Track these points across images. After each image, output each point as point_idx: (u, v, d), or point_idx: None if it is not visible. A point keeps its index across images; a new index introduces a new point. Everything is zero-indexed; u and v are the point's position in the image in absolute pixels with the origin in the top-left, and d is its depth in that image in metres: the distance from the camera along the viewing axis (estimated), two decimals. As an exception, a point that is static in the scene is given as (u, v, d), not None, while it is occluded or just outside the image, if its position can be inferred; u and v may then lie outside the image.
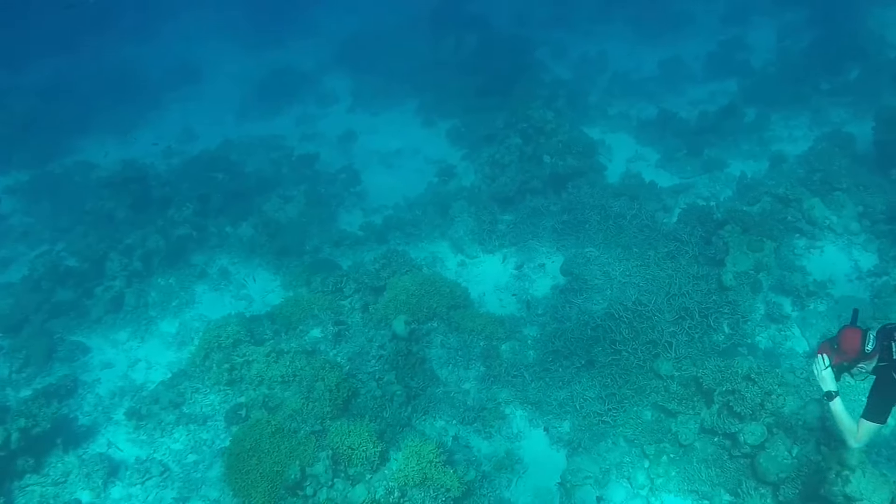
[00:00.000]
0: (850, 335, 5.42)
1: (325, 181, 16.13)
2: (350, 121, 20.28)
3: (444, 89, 19.97)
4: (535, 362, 9.95)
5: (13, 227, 15.95)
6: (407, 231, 13.55)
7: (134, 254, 12.95)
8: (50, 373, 11.48)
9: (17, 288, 13.14)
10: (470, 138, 17.08)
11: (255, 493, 8.28)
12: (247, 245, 13.70)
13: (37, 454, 9.56)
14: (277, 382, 9.76)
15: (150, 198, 14.17)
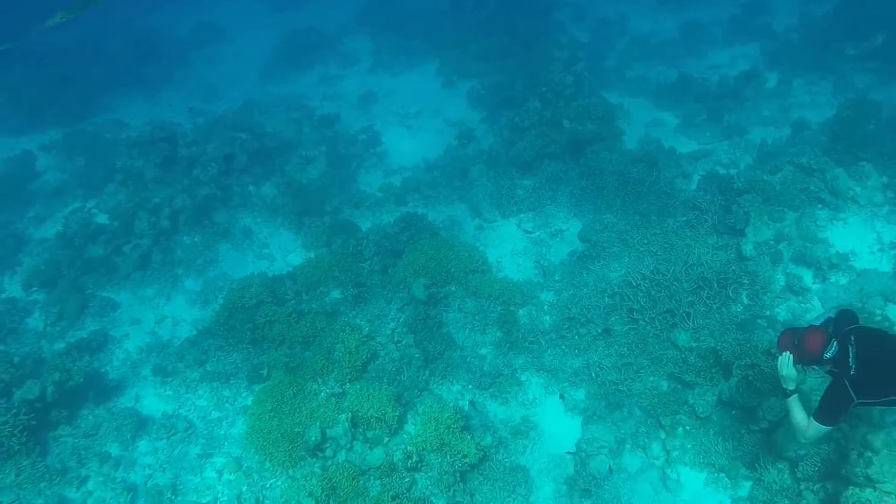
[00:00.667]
0: (816, 337, 5.35)
1: (346, 142, 15.77)
2: (370, 81, 19.79)
3: (463, 50, 19.40)
4: (551, 328, 9.71)
5: (48, 183, 15.79)
6: (425, 194, 13.25)
7: (161, 212, 12.78)
8: (82, 327, 11.43)
9: (51, 244, 13.08)
10: (489, 101, 16.61)
11: (277, 453, 8.23)
12: (269, 205, 13.47)
13: (70, 407, 9.56)
14: (298, 343, 9.63)
15: (177, 157, 13.94)
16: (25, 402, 9.06)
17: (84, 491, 8.71)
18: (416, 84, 19.11)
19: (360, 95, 18.71)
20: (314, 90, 19.74)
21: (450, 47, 19.85)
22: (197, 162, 13.92)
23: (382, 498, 7.38)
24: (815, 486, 6.81)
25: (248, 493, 8.22)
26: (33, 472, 8.81)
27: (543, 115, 13.97)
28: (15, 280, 12.67)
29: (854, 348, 5.19)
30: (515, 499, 7.82)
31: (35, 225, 14.38)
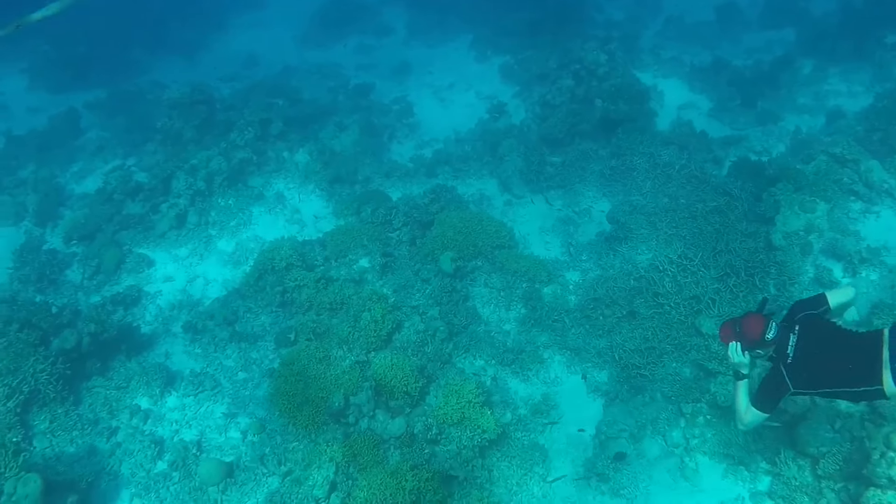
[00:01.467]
0: (754, 322, 5.23)
1: (379, 112, 15.42)
2: (405, 53, 19.37)
3: (498, 25, 18.83)
4: (575, 308, 9.39)
5: (90, 140, 15.65)
6: (456, 166, 12.87)
7: (198, 174, 12.55)
8: (118, 282, 11.31)
9: (91, 199, 12.97)
10: (522, 76, 16.14)
11: (300, 416, 8.04)
12: (302, 171, 13.19)
13: (103, 358, 9.47)
14: (326, 309, 9.41)
15: (215, 120, 13.70)
16: (62, 351, 9.01)
17: (113, 442, 8.62)
18: (450, 57, 18.68)
19: (394, 66, 18.31)
20: (350, 59, 19.36)
21: (484, 21, 19.32)
22: (234, 126, 13.66)
23: (401, 468, 7.16)
24: (837, 485, 6.46)
25: (270, 453, 8.05)
26: (66, 421, 8.76)
27: (576, 92, 13.54)
28: (56, 233, 12.59)
29: (795, 337, 5.06)
30: (532, 477, 7.58)
31: (77, 180, 14.29)
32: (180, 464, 8.19)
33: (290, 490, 7.48)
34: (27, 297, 10.95)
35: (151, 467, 8.26)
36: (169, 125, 13.61)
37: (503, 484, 7.50)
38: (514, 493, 7.44)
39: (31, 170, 14.33)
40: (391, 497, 6.94)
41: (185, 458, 8.25)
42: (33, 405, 8.76)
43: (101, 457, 8.40)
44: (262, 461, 8.01)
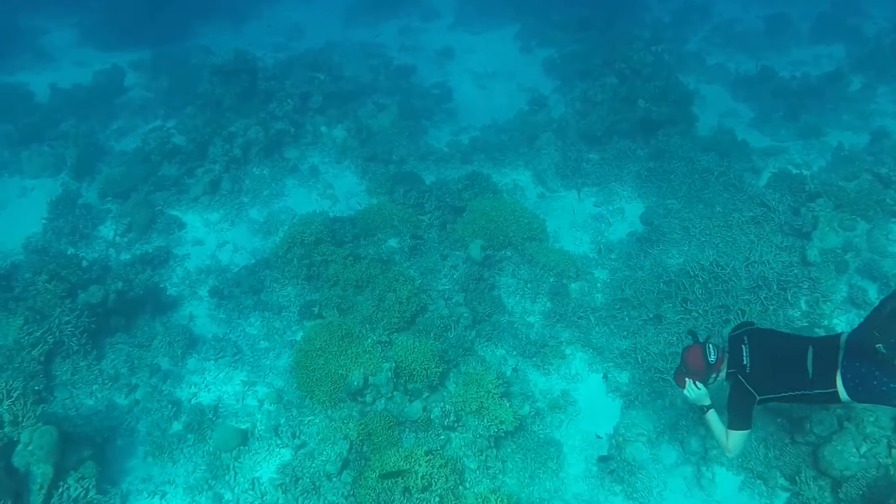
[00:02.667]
0: (692, 354, 5.32)
1: (419, 94, 15.25)
2: (450, 38, 19.14)
3: (544, 17, 18.65)
4: (602, 307, 9.19)
5: (133, 99, 15.66)
6: (492, 155, 12.67)
7: (235, 141, 12.48)
8: (148, 241, 11.28)
9: (129, 157, 12.98)
10: (565, 70, 15.89)
11: (318, 391, 7.95)
12: (339, 147, 13.07)
13: (128, 316, 9.42)
14: (352, 286, 9.28)
15: (255, 90, 13.57)
16: (88, 305, 8.96)
17: (132, 399, 8.57)
18: (494, 45, 18.43)
19: (438, 50, 18.13)
20: (394, 40, 19.18)
21: (531, 13, 19.12)
22: (274, 96, 13.56)
23: (416, 451, 7.04)
24: (859, 510, 6.26)
25: (285, 425, 7.96)
26: (88, 374, 8.75)
27: (619, 91, 13.25)
28: (92, 188, 12.58)
29: (747, 347, 5.08)
30: (545, 472, 7.42)
31: (116, 137, 14.29)
32: (196, 427, 8.11)
33: (302, 463, 7.40)
34: (59, 248, 11.01)
35: (167, 427, 8.19)
36: (210, 91, 13.52)
37: (516, 476, 7.35)
38: (526, 485, 7.29)
39: (72, 123, 14.31)
40: (403, 480, 6.82)
41: (200, 421, 8.17)
42: (56, 356, 8.76)
43: (119, 413, 8.36)
44: (277, 432, 7.92)
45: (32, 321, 8.77)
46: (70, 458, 7.32)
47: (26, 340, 8.59)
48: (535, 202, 11.46)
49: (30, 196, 12.83)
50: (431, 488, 6.85)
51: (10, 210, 12.47)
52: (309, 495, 7.16)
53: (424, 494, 6.79)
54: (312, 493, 7.17)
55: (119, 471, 7.76)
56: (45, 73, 16.81)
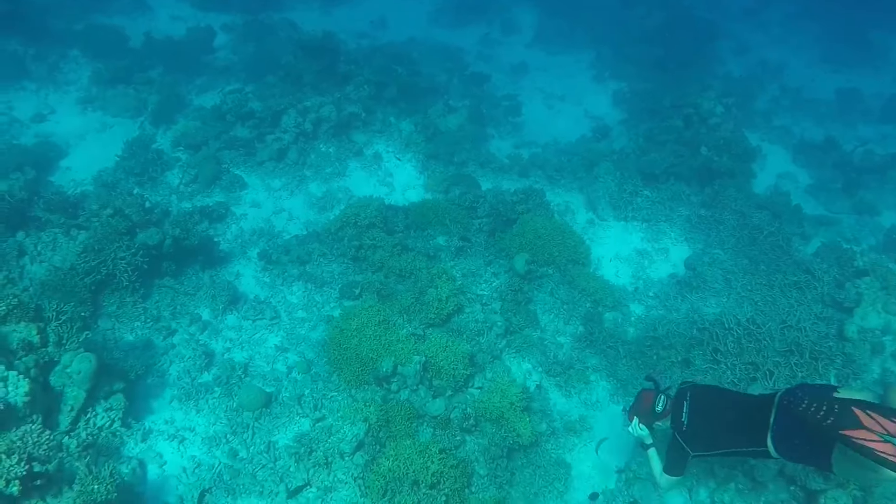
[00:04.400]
0: (645, 398, 5.58)
1: (489, 103, 15.04)
2: (526, 54, 18.83)
3: (621, 51, 18.31)
4: (632, 340, 8.91)
5: (218, 59, 15.70)
6: (549, 174, 12.42)
7: (308, 116, 12.41)
8: (210, 195, 11.28)
9: (206, 113, 12.98)
10: (633, 105, 15.57)
11: (347, 370, 7.84)
12: (404, 139, 12.94)
13: (179, 263, 9.42)
14: (395, 274, 9.16)
15: (335, 71, 13.50)
16: (145, 245, 8.98)
17: (168, 342, 8.56)
18: (568, 69, 18.13)
19: (513, 64, 17.89)
20: (473, 47, 18.96)
21: (608, 44, 18.81)
22: (352, 80, 13.47)
23: (430, 447, 6.87)
24: None
25: (309, 396, 7.85)
26: (132, 311, 8.77)
27: (683, 135, 12.96)
28: (167, 135, 12.63)
29: (688, 403, 5.13)
30: (551, 491, 7.21)
31: (197, 93, 14.34)
32: (224, 381, 8.08)
33: (319, 437, 7.27)
34: (126, 186, 11.04)
35: (197, 376, 8.17)
36: (293, 64, 13.48)
37: (522, 490, 7.15)
38: (529, 501, 7.09)
39: (159, 72, 14.44)
40: (414, 473, 6.68)
41: (229, 376, 8.12)
42: (106, 288, 8.78)
43: (155, 353, 8.35)
44: (300, 401, 7.82)
45: (90, 251, 8.81)
46: (102, 388, 7.36)
47: (81, 267, 8.63)
48: (584, 227, 11.21)
49: (108, 132, 12.95)
50: (439, 486, 6.69)
51: (88, 142, 12.60)
52: (320, 469, 7.05)
53: (432, 491, 6.63)
54: (323, 468, 7.05)
55: (145, 408, 7.75)
56: (141, 21, 16.93)
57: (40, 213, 9.66)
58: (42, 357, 7.10)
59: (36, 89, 14.06)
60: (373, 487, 6.73)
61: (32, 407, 6.59)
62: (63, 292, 8.37)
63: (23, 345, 7.02)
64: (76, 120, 13.27)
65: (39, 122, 13.08)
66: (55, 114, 13.39)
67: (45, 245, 9.41)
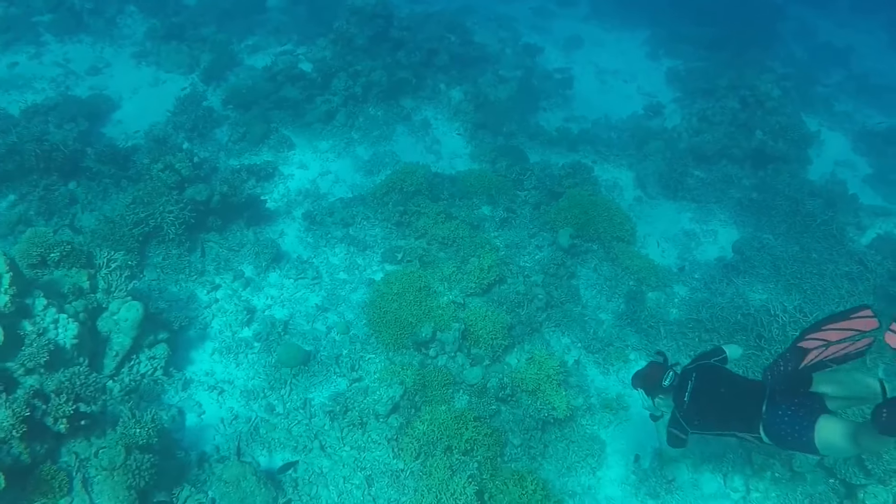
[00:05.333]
0: (653, 371, 5.54)
1: (540, 76, 14.82)
2: (581, 28, 18.47)
3: (677, 29, 17.84)
4: (674, 322, 8.76)
5: (271, 20, 15.76)
6: (598, 149, 12.24)
7: (358, 80, 12.40)
8: (258, 154, 11.39)
9: (256, 73, 13.11)
10: (687, 84, 15.20)
11: (386, 333, 7.88)
12: (453, 108, 12.86)
13: (225, 219, 9.56)
14: (438, 242, 9.15)
15: (387, 36, 13.42)
16: (192, 200, 9.13)
17: (212, 297, 8.70)
18: (623, 45, 17.75)
19: (567, 37, 17.56)
20: (527, 17, 18.67)
21: (665, 22, 18.35)
22: (403, 46, 13.40)
23: (466, 414, 6.89)
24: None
25: (346, 356, 7.92)
26: (177, 263, 8.92)
27: (738, 117, 12.67)
28: (217, 93, 12.78)
29: (693, 383, 5.17)
30: (584, 467, 7.16)
31: (249, 52, 14.44)
32: (264, 337, 8.18)
33: (355, 397, 7.35)
34: (176, 141, 11.18)
35: (238, 331, 8.29)
36: (345, 28, 13.43)
37: (554, 463, 7.13)
38: (562, 475, 7.06)
39: (212, 30, 14.55)
40: (448, 439, 6.70)
41: (269, 333, 8.23)
42: (153, 239, 8.96)
43: (198, 306, 8.50)
44: (338, 361, 7.89)
45: (139, 202, 8.99)
46: (147, 336, 7.52)
47: (130, 218, 8.81)
48: (631, 204, 11.03)
49: (160, 87, 13.15)
50: (472, 453, 6.71)
51: (141, 96, 12.81)
52: (354, 429, 7.13)
53: (465, 457, 6.66)
54: (358, 428, 7.13)
55: (186, 359, 7.92)
56: (196, -22, 17.01)
57: (92, 163, 9.86)
58: (91, 303, 7.29)
59: (92, 42, 14.30)
60: (406, 450, 6.78)
61: (80, 350, 6.79)
62: (112, 242, 8.57)
63: (73, 290, 7.22)
64: (130, 74, 13.51)
65: (94, 74, 13.36)
66: (110, 67, 13.65)
67: (95, 195, 9.65)
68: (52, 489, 5.89)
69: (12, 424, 5.65)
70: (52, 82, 12.91)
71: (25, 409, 5.73)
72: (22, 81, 12.75)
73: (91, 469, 6.07)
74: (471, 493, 6.25)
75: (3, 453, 5.68)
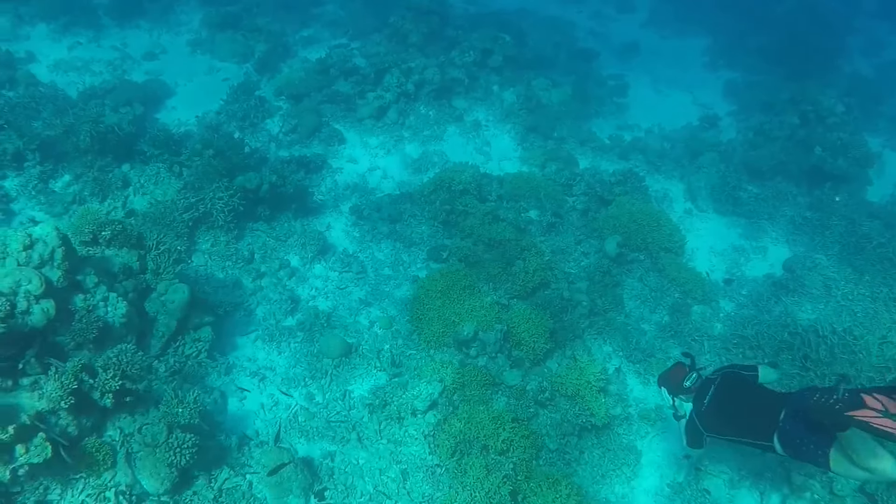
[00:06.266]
0: (677, 371, 5.85)
1: (594, 81, 14.94)
2: (638, 34, 18.53)
3: (739, 41, 17.78)
4: (718, 337, 8.86)
5: (326, 13, 16.16)
6: (650, 159, 12.32)
7: (411, 77, 12.67)
8: (308, 146, 11.71)
9: (310, 66, 13.44)
10: (745, 97, 15.14)
11: (427, 329, 8.10)
12: (505, 109, 13.06)
13: (273, 209, 9.88)
14: (484, 242, 9.35)
15: (442, 34, 13.72)
16: (242, 188, 9.41)
17: (257, 284, 8.99)
18: (681, 54, 17.76)
19: (624, 43, 17.65)
20: (584, 22, 18.82)
21: (726, 32, 18.32)
22: (458, 45, 13.66)
23: (504, 415, 7.08)
24: None
25: (387, 350, 8.16)
26: (225, 250, 9.25)
27: (797, 132, 12.62)
28: (270, 84, 13.15)
29: (714, 388, 5.42)
30: (618, 475, 7.31)
31: (303, 44, 14.81)
32: (307, 327, 8.46)
33: (394, 392, 7.56)
34: (228, 130, 11.56)
35: (281, 320, 8.59)
36: (400, 24, 13.74)
37: (589, 470, 7.29)
38: (596, 482, 7.21)
39: (267, 21, 14.91)
40: (484, 438, 6.90)
41: (313, 323, 8.50)
42: (202, 225, 9.33)
43: (243, 293, 8.82)
44: (379, 355, 8.13)
45: (190, 188, 9.39)
46: (192, 320, 7.84)
47: (180, 203, 9.19)
48: (681, 216, 11.11)
49: (214, 76, 13.57)
50: (508, 454, 6.90)
51: (195, 83, 13.25)
52: (392, 422, 7.37)
53: (500, 457, 6.84)
54: (395, 422, 7.36)
55: (229, 344, 8.24)
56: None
57: (146, 147, 10.20)
58: (140, 283, 7.62)
59: (149, 28, 14.84)
60: (443, 446, 6.99)
61: (128, 328, 7.11)
62: (161, 225, 8.94)
63: (123, 269, 7.54)
64: (185, 61, 13.99)
65: (150, 60, 13.86)
66: (166, 53, 14.14)
67: (148, 178, 9.99)
68: (97, 462, 6.13)
69: (61, 396, 5.86)
70: (110, 66, 13.39)
71: (74, 381, 5.92)
72: (80, 63, 13.25)
73: (134, 444, 6.31)
74: (505, 492, 6.45)
75: (51, 424, 5.91)
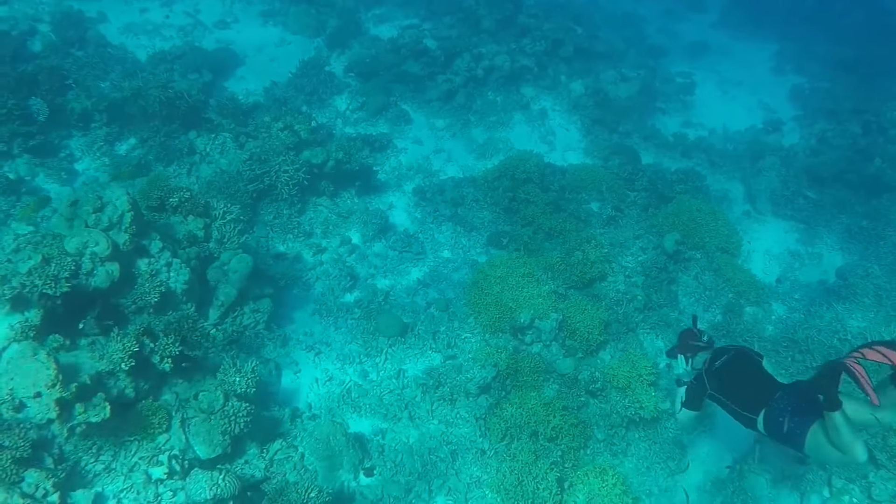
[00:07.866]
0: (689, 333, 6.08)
1: (662, 78, 14.86)
2: (708, 34, 18.34)
3: (808, 47, 17.53)
4: (769, 339, 8.88)
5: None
6: (711, 159, 12.31)
7: (481, 62, 12.75)
8: (374, 125, 11.86)
9: (381, 44, 13.49)
10: (810, 103, 15.00)
11: (484, 314, 8.23)
12: (573, 100, 13.09)
13: (337, 185, 10.03)
14: (544, 231, 9.47)
15: (514, 21, 13.74)
16: (308, 163, 9.54)
17: (317, 259, 9.14)
18: (749, 56, 17.55)
19: (693, 42, 17.51)
20: (655, 18, 18.68)
21: (795, 38, 18.08)
22: (529, 33, 13.68)
23: (555, 403, 7.24)
24: None
25: (444, 333, 8.29)
26: (287, 223, 9.40)
27: (858, 142, 12.61)
28: (340, 60, 13.26)
29: (728, 357, 5.64)
30: (664, 469, 7.42)
31: (374, 22, 14.88)
32: (365, 304, 8.59)
33: (448, 373, 7.68)
34: (296, 104, 11.73)
35: (340, 296, 8.72)
36: (474, 8, 13.80)
37: (635, 461, 7.41)
38: (641, 473, 7.34)
39: (341, -4, 15.02)
40: (535, 424, 7.07)
41: (370, 301, 8.64)
42: (266, 197, 9.44)
43: (303, 267, 9.00)
44: (434, 336, 8.27)
45: (256, 159, 9.42)
46: (253, 290, 7.95)
47: (246, 174, 9.26)
48: (738, 217, 11.12)
49: (285, 48, 13.70)
50: (557, 441, 7.06)
51: (265, 54, 13.37)
52: (444, 403, 7.51)
53: (549, 444, 7.01)
54: (448, 403, 7.50)
55: (287, 317, 8.39)
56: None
57: (213, 115, 10.34)
58: (203, 251, 7.71)
59: (222, -5, 14.98)
60: (493, 430, 7.16)
61: (189, 295, 7.19)
62: (226, 195, 9.00)
63: (188, 236, 7.66)
64: (257, 31, 14.08)
65: (222, 28, 13.95)
66: (238, 22, 14.24)
67: (214, 147, 10.07)
68: (152, 424, 6.20)
69: (121, 357, 5.91)
70: (181, 31, 13.41)
71: (135, 344, 5.98)
72: (151, 27, 13.25)
73: (190, 410, 6.33)
74: (552, 478, 6.62)
75: (110, 385, 6.01)
